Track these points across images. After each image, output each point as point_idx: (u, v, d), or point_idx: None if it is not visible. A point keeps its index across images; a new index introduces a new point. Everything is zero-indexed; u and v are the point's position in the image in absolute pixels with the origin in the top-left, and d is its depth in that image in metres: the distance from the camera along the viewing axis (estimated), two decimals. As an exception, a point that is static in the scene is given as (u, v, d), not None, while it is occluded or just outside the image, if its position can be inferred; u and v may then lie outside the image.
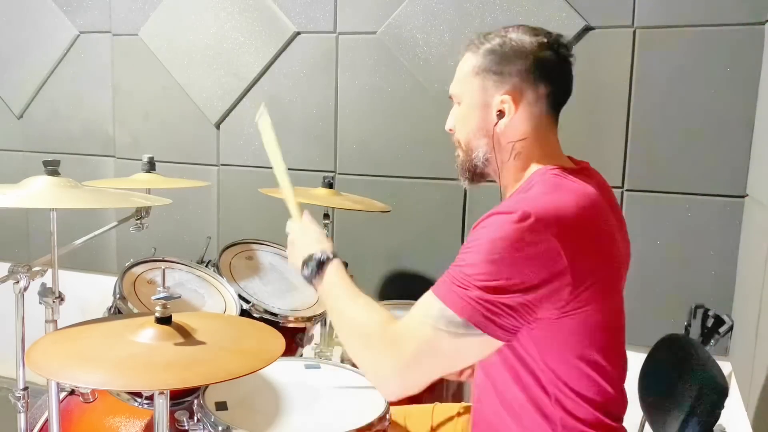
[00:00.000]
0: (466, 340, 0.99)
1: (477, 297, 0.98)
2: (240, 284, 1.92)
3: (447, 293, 1.01)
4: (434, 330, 1.00)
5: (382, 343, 1.06)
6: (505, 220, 0.99)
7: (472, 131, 1.19)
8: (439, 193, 2.38)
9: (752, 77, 1.97)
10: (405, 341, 1.03)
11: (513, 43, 1.14)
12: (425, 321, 1.02)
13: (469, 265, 1.00)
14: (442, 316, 1.00)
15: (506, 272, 0.97)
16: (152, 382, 1.07)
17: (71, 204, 1.41)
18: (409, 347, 1.02)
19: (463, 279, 1.00)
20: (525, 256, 0.98)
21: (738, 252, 2.05)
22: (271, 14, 2.52)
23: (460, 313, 0.98)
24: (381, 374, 1.06)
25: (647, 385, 1.49)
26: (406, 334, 1.04)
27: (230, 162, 2.66)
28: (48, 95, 2.92)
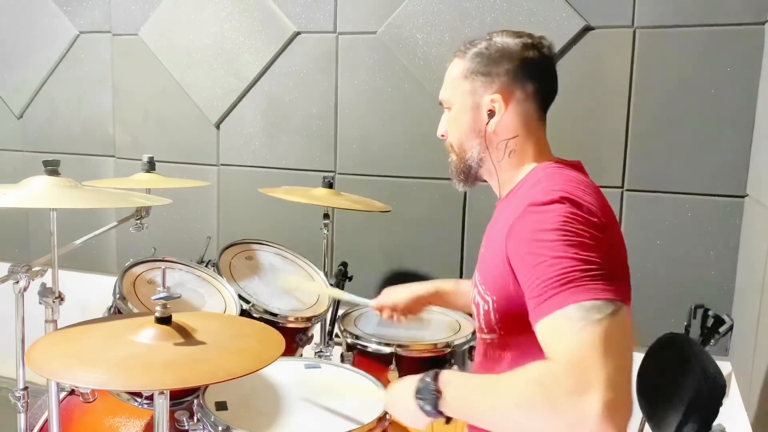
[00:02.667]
0: (619, 316, 0.91)
1: (586, 277, 0.93)
2: (240, 284, 1.92)
3: (565, 295, 0.92)
4: (592, 325, 0.89)
5: (559, 387, 0.86)
6: (549, 209, 1.00)
7: (464, 133, 1.22)
8: (439, 193, 2.38)
9: (752, 77, 1.97)
10: (582, 361, 0.87)
11: (499, 45, 1.19)
12: (578, 330, 0.89)
13: (555, 258, 0.95)
14: (585, 312, 0.90)
15: (583, 244, 0.96)
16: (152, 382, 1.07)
17: (71, 204, 1.41)
18: (590, 361, 0.86)
19: (560, 275, 0.93)
20: (584, 228, 0.98)
21: (738, 252, 2.05)
22: (271, 14, 2.52)
23: (593, 297, 0.91)
24: (588, 417, 0.84)
25: (646, 385, 1.49)
26: (575, 354, 0.88)
27: (230, 162, 2.66)
28: (48, 95, 2.93)
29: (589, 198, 1.04)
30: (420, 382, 1.04)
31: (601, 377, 0.84)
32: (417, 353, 1.78)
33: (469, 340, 1.83)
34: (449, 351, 1.79)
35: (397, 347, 1.77)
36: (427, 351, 1.79)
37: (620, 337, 0.89)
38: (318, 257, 2.21)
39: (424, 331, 1.93)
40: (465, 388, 1.01)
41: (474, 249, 1.29)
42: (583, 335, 0.88)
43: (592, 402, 0.83)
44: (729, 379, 2.00)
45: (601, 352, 0.86)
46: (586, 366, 0.86)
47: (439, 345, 1.80)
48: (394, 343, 1.77)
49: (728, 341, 2.04)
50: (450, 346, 1.80)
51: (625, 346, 0.91)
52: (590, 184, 1.12)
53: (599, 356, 0.86)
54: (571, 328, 0.89)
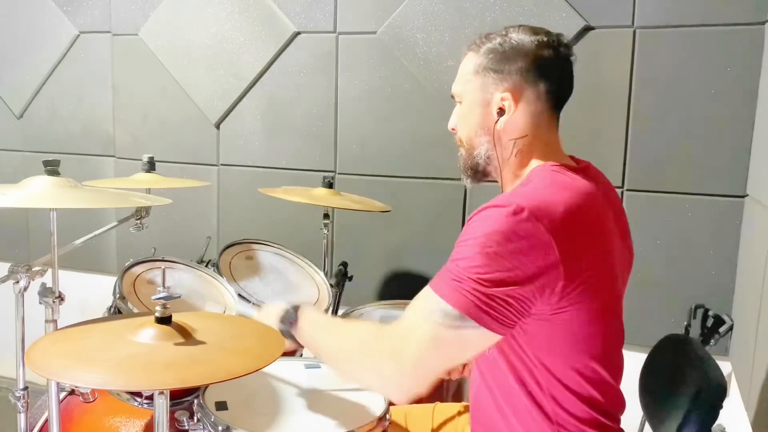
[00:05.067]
0: (464, 333, 1.00)
1: (472, 289, 0.98)
2: (240, 284, 1.92)
3: (443, 287, 1.01)
4: (433, 324, 1.00)
5: (380, 347, 1.07)
6: (499, 213, 1.00)
7: (473, 129, 1.21)
8: (439, 193, 2.38)
9: (752, 77, 1.97)
10: (405, 339, 1.03)
11: (513, 42, 1.16)
12: (423, 316, 1.03)
13: (464, 258, 1.00)
14: (439, 310, 1.00)
15: (500, 264, 0.98)
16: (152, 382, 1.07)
17: (71, 204, 1.41)
18: (410, 344, 1.02)
19: (459, 272, 1.00)
20: (518, 249, 0.98)
21: (738, 252, 2.05)
22: (271, 14, 2.52)
23: (455, 306, 0.99)
24: (386, 378, 1.06)
25: (647, 385, 1.49)
26: (405, 331, 1.05)
27: (230, 162, 2.66)
28: (48, 95, 2.92)
29: (558, 208, 1.02)
30: (288, 308, 1.27)
31: (411, 358, 1.02)
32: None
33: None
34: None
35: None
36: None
37: (445, 347, 1.01)
38: (318, 257, 2.21)
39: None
40: (314, 325, 1.23)
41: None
42: (420, 324, 1.03)
43: (391, 369, 1.04)
44: (729, 379, 2.00)
45: (421, 345, 1.01)
46: (405, 344, 1.03)
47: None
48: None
49: (728, 341, 2.04)
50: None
51: (445, 357, 1.03)
52: (582, 190, 1.09)
53: (416, 344, 1.02)
54: (419, 311, 1.05)
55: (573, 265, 1.00)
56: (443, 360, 1.04)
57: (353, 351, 1.13)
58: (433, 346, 1.01)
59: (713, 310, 2.01)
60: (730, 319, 1.99)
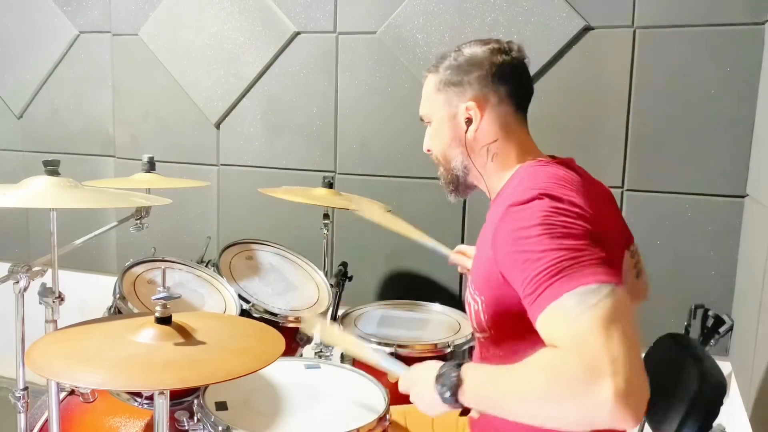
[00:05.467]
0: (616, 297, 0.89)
1: (572, 261, 0.92)
2: (240, 284, 1.92)
3: (557, 285, 0.91)
4: (591, 310, 0.87)
5: (568, 371, 0.84)
6: (529, 206, 1.00)
7: (446, 144, 1.26)
8: (439, 193, 2.34)
9: (752, 77, 1.97)
10: (585, 345, 0.85)
11: (466, 54, 1.23)
12: (575, 317, 0.87)
13: (540, 251, 0.94)
14: (580, 298, 0.88)
15: (569, 233, 0.95)
16: (152, 382, 1.07)
17: (71, 204, 1.41)
18: (594, 344, 0.84)
19: (549, 266, 0.92)
20: (568, 219, 0.98)
21: (738, 252, 2.05)
22: (271, 14, 2.52)
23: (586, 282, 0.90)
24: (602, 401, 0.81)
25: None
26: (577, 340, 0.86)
27: (230, 162, 2.66)
28: (48, 95, 2.92)
29: (571, 192, 1.04)
30: (442, 368, 1.02)
31: (606, 361, 0.82)
32: (417, 353, 1.78)
33: (469, 340, 1.83)
34: (449, 351, 1.79)
35: (397, 347, 1.77)
36: (427, 351, 1.79)
37: (620, 317, 0.87)
38: (318, 257, 2.21)
39: (424, 331, 1.93)
40: (484, 377, 0.99)
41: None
42: (582, 321, 0.86)
43: (603, 387, 0.80)
44: (729, 379, 2.00)
45: (603, 334, 0.84)
46: (590, 351, 0.83)
47: (439, 345, 1.80)
48: (394, 343, 1.77)
49: (728, 341, 2.04)
50: (450, 346, 1.80)
51: (627, 324, 0.87)
52: (573, 179, 1.11)
53: (602, 339, 0.84)
54: (567, 316, 0.88)
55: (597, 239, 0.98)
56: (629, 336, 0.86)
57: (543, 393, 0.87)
58: (611, 326, 0.85)
59: (713, 310, 2.01)
60: (730, 319, 1.98)
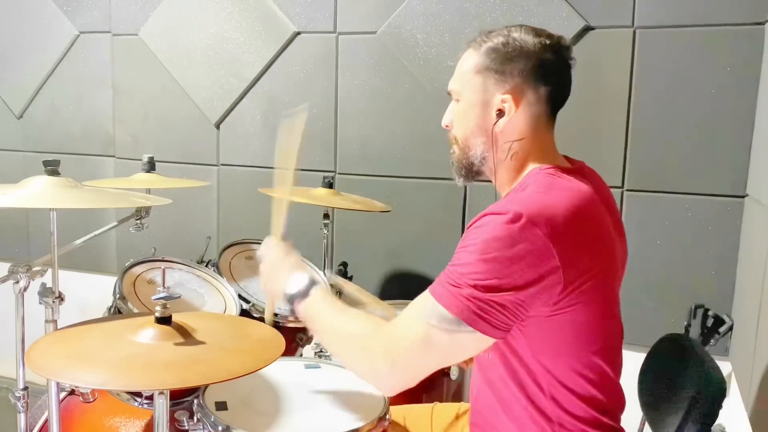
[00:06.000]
0: (459, 337, 1.01)
1: (469, 295, 0.99)
2: (240, 284, 1.92)
3: (440, 291, 1.03)
4: (427, 326, 1.03)
5: (376, 342, 1.10)
6: (497, 220, 1.00)
7: (470, 129, 1.19)
8: (439, 193, 2.38)
9: (752, 77, 1.97)
10: (399, 338, 1.07)
11: (516, 42, 1.14)
12: (419, 317, 1.05)
13: (462, 264, 1.02)
14: (435, 313, 1.02)
15: (498, 271, 0.98)
16: (152, 382, 1.07)
17: (71, 204, 1.41)
18: (403, 343, 1.06)
19: (457, 278, 1.02)
20: (516, 256, 0.98)
21: (738, 252, 2.05)
22: (271, 14, 2.52)
23: (451, 311, 1.01)
24: (377, 371, 1.09)
25: (646, 385, 1.49)
26: (401, 331, 1.08)
27: (230, 162, 2.66)
28: (48, 95, 2.92)
29: (557, 213, 1.02)
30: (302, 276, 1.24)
31: (399, 359, 1.06)
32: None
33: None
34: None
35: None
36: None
37: (438, 349, 1.03)
38: (318, 257, 2.21)
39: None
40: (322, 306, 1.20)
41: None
42: (415, 325, 1.05)
43: (383, 366, 1.07)
44: (729, 379, 2.00)
45: (414, 345, 1.04)
46: (398, 342, 1.06)
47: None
48: None
49: (728, 341, 2.04)
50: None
51: (437, 358, 1.06)
52: (580, 192, 1.09)
53: (410, 344, 1.05)
54: (415, 312, 1.07)
55: (572, 268, 1.01)
56: (434, 361, 1.07)
57: (351, 339, 1.14)
58: (425, 348, 1.04)
59: (713, 310, 2.01)
60: (730, 319, 1.99)
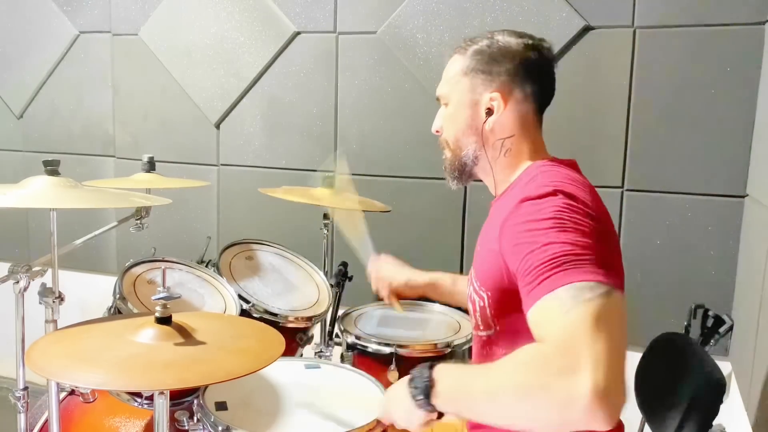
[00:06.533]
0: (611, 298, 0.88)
1: (575, 258, 0.91)
2: (240, 284, 1.92)
3: (554, 278, 0.90)
4: (582, 306, 0.86)
5: (550, 369, 0.83)
6: (541, 200, 1.01)
7: (461, 130, 1.23)
8: (439, 193, 2.38)
9: (752, 77, 1.97)
10: (572, 342, 0.83)
11: (500, 44, 1.19)
12: (567, 311, 0.86)
13: (547, 245, 0.94)
14: (575, 294, 0.88)
15: (576, 230, 0.96)
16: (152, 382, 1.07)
17: (71, 204, 1.41)
18: (580, 342, 0.83)
19: (552, 260, 0.92)
20: (578, 217, 0.98)
21: (738, 252, 2.05)
22: (271, 14, 2.52)
23: (584, 278, 0.89)
24: (580, 397, 0.79)
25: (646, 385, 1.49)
26: (565, 336, 0.85)
27: (230, 162, 2.66)
28: (48, 95, 2.92)
29: (582, 193, 1.05)
30: (415, 372, 1.01)
31: (590, 357, 0.81)
32: (417, 353, 1.78)
33: (470, 340, 1.83)
34: (449, 351, 1.79)
35: (397, 347, 1.76)
36: (427, 351, 1.78)
37: (612, 319, 0.86)
38: (318, 257, 2.21)
39: (424, 331, 1.93)
40: (457, 376, 0.97)
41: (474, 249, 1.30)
42: (573, 314, 0.85)
43: (582, 382, 0.79)
44: (729, 379, 2.00)
45: (592, 331, 0.83)
46: (575, 345, 0.82)
47: (439, 345, 1.80)
48: (394, 343, 1.77)
49: (728, 341, 2.04)
50: (450, 346, 1.80)
51: (617, 328, 0.86)
52: (584, 181, 1.12)
53: (589, 336, 0.83)
54: (560, 308, 0.87)
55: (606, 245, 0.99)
56: (618, 337, 0.85)
57: (520, 391, 0.86)
58: (600, 326, 0.84)
59: (713, 310, 2.01)
60: (730, 319, 1.98)
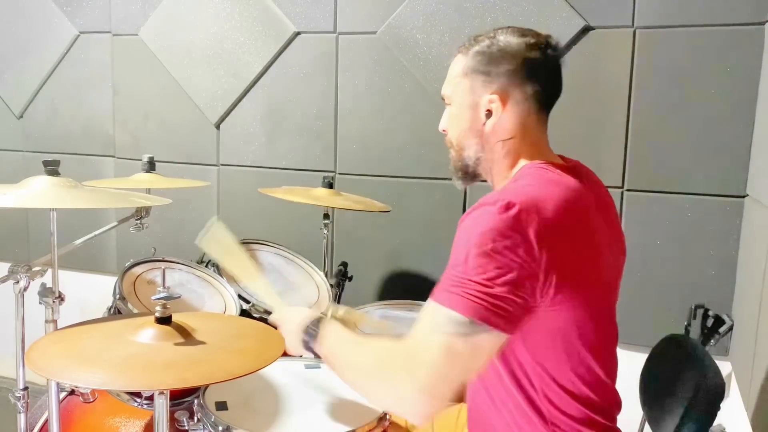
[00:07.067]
0: (477, 339, 0.97)
1: (476, 292, 0.97)
2: (240, 284, 1.92)
3: (447, 296, 0.99)
4: (444, 336, 0.97)
5: (394, 366, 1.02)
6: (490, 210, 1.00)
7: (462, 131, 1.23)
8: (439, 193, 2.38)
9: (752, 77, 1.97)
10: (418, 355, 0.99)
11: (500, 44, 1.18)
12: (433, 330, 0.99)
13: (462, 263, 1.00)
14: (448, 321, 0.98)
15: (499, 261, 0.97)
16: (152, 382, 1.07)
17: (71, 204, 1.41)
18: (424, 360, 0.98)
19: (460, 278, 0.99)
20: (514, 243, 0.98)
21: (738, 252, 2.05)
22: (271, 14, 2.52)
23: (464, 313, 0.97)
24: (404, 398, 1.00)
25: (647, 385, 1.49)
26: (418, 348, 1.01)
27: (230, 162, 2.66)
28: (48, 95, 2.92)
29: (547, 205, 1.02)
30: (312, 321, 1.20)
31: (422, 377, 0.97)
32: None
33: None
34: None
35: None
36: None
37: (460, 357, 0.98)
38: (318, 257, 2.21)
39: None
40: (337, 340, 1.15)
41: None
42: (431, 338, 0.99)
43: (407, 389, 0.98)
44: (729, 379, 2.00)
45: (436, 359, 0.97)
46: (418, 360, 0.99)
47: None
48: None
49: (728, 341, 2.04)
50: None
51: (461, 367, 0.99)
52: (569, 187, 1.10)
53: (430, 359, 0.97)
54: (428, 326, 1.01)
55: (564, 261, 1.01)
56: (459, 371, 0.99)
57: (370, 370, 1.07)
58: (447, 359, 0.97)
59: (713, 310, 2.01)
60: (730, 319, 1.99)
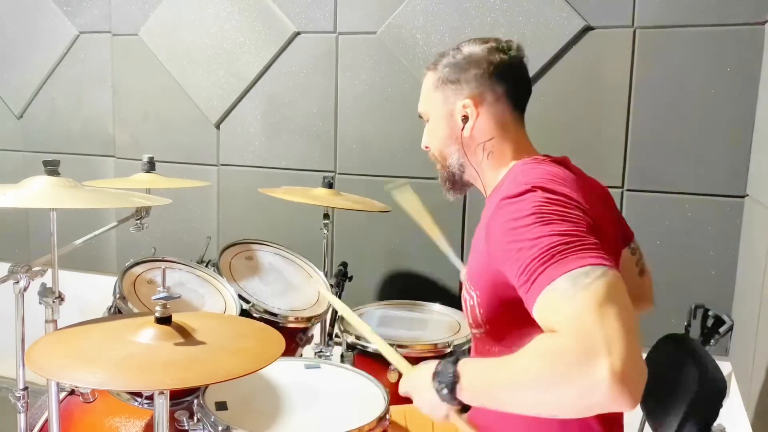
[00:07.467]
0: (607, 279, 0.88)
1: (567, 247, 0.92)
2: (240, 284, 1.92)
3: (551, 269, 0.91)
4: (584, 291, 0.86)
5: (566, 355, 0.84)
6: (518, 199, 1.01)
7: (442, 141, 1.28)
8: (439, 193, 2.36)
9: (752, 77, 1.97)
10: (583, 326, 0.84)
11: (465, 52, 1.24)
12: (572, 299, 0.87)
13: (533, 240, 0.94)
14: (573, 282, 0.88)
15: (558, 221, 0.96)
16: (152, 382, 1.07)
17: (71, 204, 1.41)
18: (587, 323, 0.84)
19: (543, 252, 0.92)
20: (557, 207, 0.99)
21: (738, 252, 2.05)
22: (271, 14, 2.52)
23: (575, 266, 0.89)
24: (600, 379, 0.80)
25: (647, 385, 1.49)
26: (575, 321, 0.85)
27: (230, 162, 2.66)
28: (48, 95, 2.92)
29: (562, 188, 1.04)
30: (439, 366, 1.02)
31: (602, 340, 0.81)
32: (417, 353, 1.78)
33: (469, 340, 1.83)
34: (449, 351, 1.79)
35: (398, 347, 1.76)
36: (427, 351, 1.79)
37: (614, 297, 0.86)
38: (318, 257, 2.21)
39: (424, 331, 1.93)
40: (480, 371, 0.98)
41: (474, 249, 1.31)
42: (576, 302, 0.86)
43: (600, 367, 0.80)
44: (729, 379, 2.00)
45: (597, 314, 0.84)
46: (585, 331, 0.83)
47: (440, 345, 1.80)
48: (394, 343, 1.77)
49: (728, 341, 2.04)
50: (450, 346, 1.80)
51: (622, 305, 0.86)
52: (568, 176, 1.12)
53: (595, 319, 0.83)
54: (562, 299, 0.88)
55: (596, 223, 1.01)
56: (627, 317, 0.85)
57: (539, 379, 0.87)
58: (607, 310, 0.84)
59: (713, 310, 2.01)
60: (730, 319, 1.98)
